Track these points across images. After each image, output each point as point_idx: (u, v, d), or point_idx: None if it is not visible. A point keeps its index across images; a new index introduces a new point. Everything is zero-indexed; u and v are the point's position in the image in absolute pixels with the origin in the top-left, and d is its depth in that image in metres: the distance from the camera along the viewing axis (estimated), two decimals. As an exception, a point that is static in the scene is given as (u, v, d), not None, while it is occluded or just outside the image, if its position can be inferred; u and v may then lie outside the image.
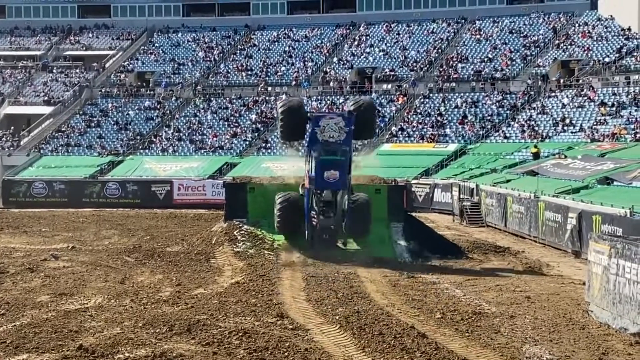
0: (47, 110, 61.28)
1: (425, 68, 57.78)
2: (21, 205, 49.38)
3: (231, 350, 13.28)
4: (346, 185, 23.89)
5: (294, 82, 59.47)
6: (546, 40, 56.97)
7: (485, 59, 56.89)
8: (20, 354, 12.94)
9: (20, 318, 15.76)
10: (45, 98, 62.65)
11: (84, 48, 68.19)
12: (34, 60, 67.40)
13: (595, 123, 46.08)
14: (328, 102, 56.85)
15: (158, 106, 60.17)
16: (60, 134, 58.94)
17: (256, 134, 55.82)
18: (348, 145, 23.99)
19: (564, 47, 55.29)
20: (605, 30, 55.25)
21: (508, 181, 37.78)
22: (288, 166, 48.11)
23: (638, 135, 42.09)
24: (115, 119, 59.68)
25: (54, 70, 66.26)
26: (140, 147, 56.49)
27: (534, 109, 50.92)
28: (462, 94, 54.55)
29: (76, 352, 12.95)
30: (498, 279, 21.60)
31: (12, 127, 60.17)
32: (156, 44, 67.14)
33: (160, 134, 57.22)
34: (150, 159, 53.96)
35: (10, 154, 57.05)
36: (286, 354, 13.10)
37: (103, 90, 62.70)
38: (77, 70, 65.96)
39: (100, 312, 16.32)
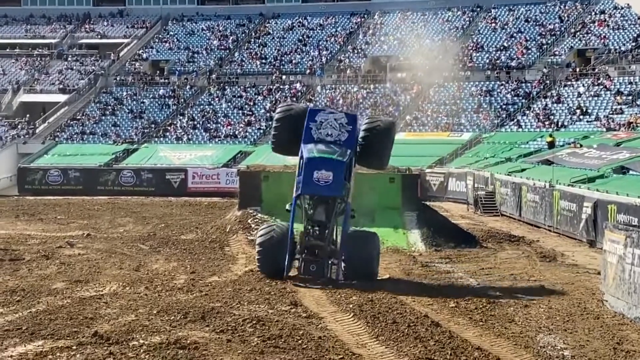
0: (62, 98, 61.50)
1: (440, 56, 57.53)
2: (37, 193, 49.67)
3: (245, 337, 13.31)
4: (341, 192, 18.29)
5: (308, 71, 59.38)
6: (562, 28, 56.61)
7: (501, 48, 56.61)
8: (35, 340, 13.02)
9: (36, 305, 15.84)
10: (61, 86, 62.85)
11: (99, 36, 68.32)
12: (49, 48, 67.59)
13: (611, 112, 45.82)
14: (342, 90, 56.78)
15: (173, 94, 60.26)
16: (75, 122, 59.16)
17: (270, 123, 55.75)
18: (349, 147, 18.67)
19: (580, 35, 54.92)
20: (621, 18, 54.82)
21: (523, 170, 37.64)
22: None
23: (654, 125, 41.83)
24: (130, 107, 59.82)
25: (69, 59, 66.43)
26: (154, 135, 56.62)
27: (549, 97, 50.66)
28: (477, 83, 54.33)
29: (91, 338, 13.01)
30: (512, 268, 21.54)
31: (28, 115, 60.42)
32: (171, 32, 67.18)
33: (175, 123, 57.32)
34: (165, 147, 54.09)
35: (26, 141, 57.31)
36: (300, 341, 13.12)
37: (118, 79, 62.84)
38: (92, 59, 66.10)
39: (115, 299, 16.39)
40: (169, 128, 56.98)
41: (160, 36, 67.03)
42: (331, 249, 18.47)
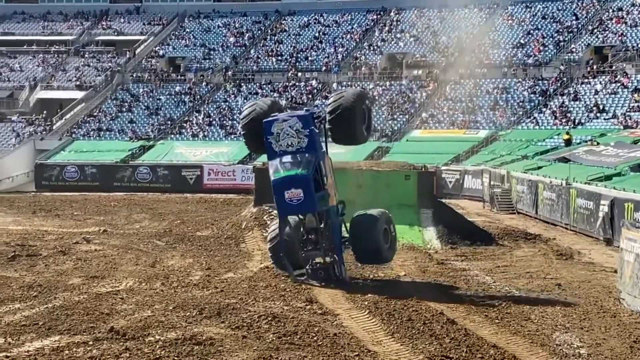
0: (79, 95, 61.75)
1: (457, 54, 57.36)
2: (53, 189, 49.94)
3: (260, 334, 13.33)
4: (315, 206, 17.60)
5: (324, 68, 59.36)
6: (579, 25, 56.30)
7: (518, 45, 56.36)
8: (52, 335, 13.09)
9: (53, 300, 15.93)
10: (77, 83, 63.12)
11: (116, 33, 68.55)
12: (66, 45, 67.88)
13: (628, 110, 45.53)
14: (358, 87, 56.68)
15: (189, 91, 60.40)
16: (92, 118, 59.40)
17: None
18: (313, 153, 17.76)
19: (598, 32, 54.60)
20: (639, 15, 54.45)
21: (539, 168, 37.48)
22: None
23: (672, 122, 41.56)
24: (146, 104, 60.01)
25: (86, 55, 66.70)
26: (170, 132, 56.77)
27: (566, 95, 50.40)
28: (493, 80, 54.12)
29: (107, 334, 13.07)
30: (528, 266, 21.46)
31: (45, 112, 60.72)
32: (187, 29, 67.32)
33: (191, 119, 57.46)
34: (181, 144, 54.23)
35: (43, 138, 57.59)
36: (315, 338, 13.13)
37: (134, 75, 63.05)
38: (109, 55, 66.35)
39: (131, 295, 16.45)
40: (185, 125, 57.12)
41: (176, 33, 67.20)
42: (330, 249, 18.21)
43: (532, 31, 57.33)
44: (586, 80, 50.74)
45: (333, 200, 18.19)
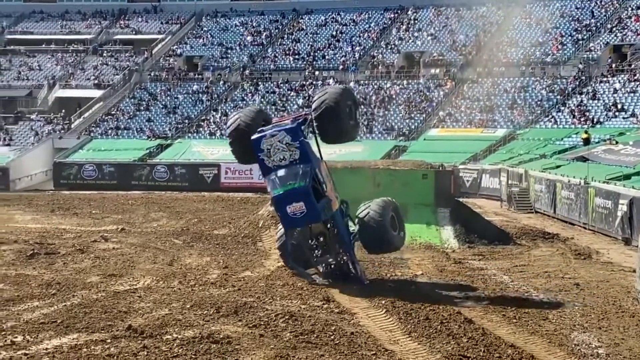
0: (97, 93, 62.04)
1: (474, 52, 57.18)
2: (72, 188, 50.21)
3: (277, 332, 13.35)
4: (319, 215, 17.30)
5: (341, 67, 59.34)
6: (598, 24, 55.96)
7: (536, 43, 56.10)
8: (70, 333, 13.16)
9: (71, 298, 16.01)
10: (96, 82, 63.42)
11: (134, 32, 68.81)
12: (84, 44, 68.22)
13: (647, 108, 45.23)
14: (375, 86, 56.68)
15: (206, 90, 60.54)
16: (110, 117, 59.66)
17: (303, 118, 55.80)
18: (307, 163, 17.30)
19: (617, 31, 54.26)
20: (659, 13, 54.11)
21: (557, 167, 37.31)
22: (334, 150, 48.14)
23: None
24: (163, 102, 60.20)
25: (104, 54, 66.99)
26: (188, 130, 56.93)
27: (584, 94, 50.12)
28: (511, 79, 53.90)
29: (125, 332, 13.13)
30: (546, 265, 21.36)
31: (63, 111, 61.04)
32: (204, 28, 67.47)
33: (208, 118, 57.59)
34: (198, 143, 54.37)
35: (62, 136, 57.90)
36: (332, 337, 13.12)
37: (152, 74, 63.27)
38: (127, 54, 66.61)
39: (148, 294, 16.51)
40: (202, 123, 57.26)
41: (194, 32, 67.37)
42: (341, 251, 18.04)
43: (550, 30, 57.04)
44: (605, 79, 50.43)
45: (335, 204, 17.97)
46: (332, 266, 18.07)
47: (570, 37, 55.70)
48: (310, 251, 17.91)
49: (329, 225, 17.85)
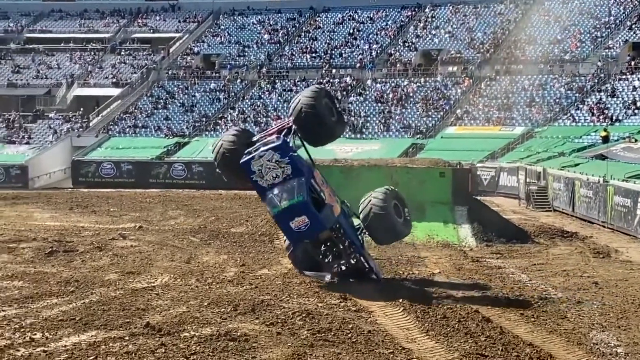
0: (115, 92, 62.32)
1: (492, 50, 56.96)
2: (90, 185, 50.48)
3: (295, 330, 13.35)
4: (325, 224, 17.09)
5: (358, 65, 59.29)
6: (617, 21, 55.57)
7: (554, 41, 55.81)
8: (89, 330, 13.21)
9: (89, 296, 16.08)
10: (114, 80, 63.71)
11: (151, 31, 69.05)
12: (102, 42, 68.54)
13: (667, 106, 44.90)
14: (392, 84, 56.58)
15: (223, 88, 60.66)
16: (128, 115, 59.91)
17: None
18: (300, 176, 16.84)
19: (636, 28, 53.85)
20: (679, 10, 53.69)
21: (576, 165, 37.11)
22: (352, 148, 48.10)
23: None
24: (181, 101, 60.37)
25: (122, 53, 67.27)
26: (205, 128, 57.06)
27: (603, 91, 49.82)
28: (529, 77, 53.66)
29: (143, 329, 13.17)
30: (565, 264, 21.26)
31: (82, 109, 61.36)
32: (222, 27, 67.60)
33: (226, 116, 57.69)
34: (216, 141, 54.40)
35: (80, 135, 58.20)
36: (349, 335, 13.11)
37: (170, 73, 63.46)
38: (145, 53, 66.85)
39: (166, 291, 16.56)
40: (219, 122, 57.37)
41: (211, 30, 67.51)
42: (351, 252, 17.78)
43: (569, 27, 56.73)
44: (624, 77, 50.10)
45: (337, 208, 17.69)
46: (347, 267, 17.88)
47: (589, 35, 55.36)
48: (322, 258, 17.74)
49: (335, 230, 17.59)
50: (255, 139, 17.91)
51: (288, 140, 17.23)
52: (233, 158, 17.51)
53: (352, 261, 17.77)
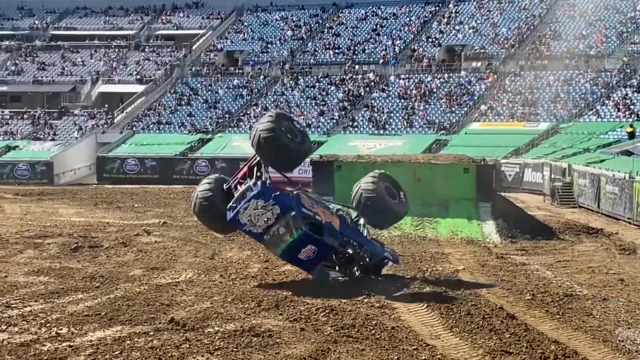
0: (139, 88, 62.65)
1: (517, 45, 56.62)
2: (114, 182, 50.79)
3: (318, 326, 13.35)
4: (333, 243, 16.82)
5: (381, 60, 59.15)
6: (643, 15, 55.07)
7: (579, 36, 55.37)
8: (114, 325, 13.29)
9: (114, 291, 16.18)
10: (138, 77, 64.03)
11: (175, 27, 69.33)
12: (127, 39, 68.90)
13: (694, 101, 44.44)
14: (416, 80, 56.42)
15: (246, 85, 60.76)
16: (151, 112, 60.19)
17: (343, 113, 55.81)
18: (290, 210, 16.33)
19: (663, 22, 53.37)
20: None
21: (602, 161, 36.82)
22: (374, 144, 48.06)
23: None
24: (204, 97, 60.58)
25: (146, 50, 67.60)
26: (228, 125, 57.22)
27: (629, 87, 49.37)
28: (554, 72, 53.28)
29: (168, 325, 13.22)
30: (590, 261, 21.09)
31: (106, 105, 61.75)
32: (245, 23, 67.72)
33: (249, 112, 57.80)
34: (239, 137, 54.56)
35: (104, 131, 58.57)
36: (373, 331, 13.09)
37: (193, 69, 63.67)
38: (168, 50, 67.12)
39: (190, 287, 16.62)
40: (242, 118, 57.50)
41: (234, 27, 67.65)
42: (362, 253, 17.62)
43: (594, 22, 56.27)
44: (650, 72, 49.65)
45: (335, 221, 17.28)
46: (363, 270, 17.70)
47: (614, 30, 54.89)
48: (339, 269, 17.55)
49: (341, 241, 17.32)
50: (227, 186, 17.42)
51: (264, 179, 16.71)
52: (212, 207, 17.13)
53: (366, 259, 17.68)
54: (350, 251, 17.44)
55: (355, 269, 17.59)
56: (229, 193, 17.27)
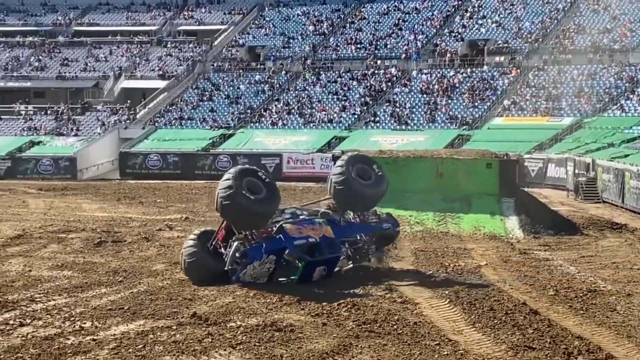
0: (161, 84, 62.89)
1: (540, 39, 56.24)
2: (137, 177, 51.04)
3: (340, 321, 13.33)
4: (336, 257, 16.81)
5: (403, 55, 58.99)
6: (669, 9, 54.56)
7: (604, 30, 54.92)
8: (137, 319, 13.35)
9: (137, 285, 16.25)
10: (160, 72, 64.27)
11: (197, 23, 69.52)
12: (149, 35, 69.20)
13: None
14: (438, 74, 56.21)
15: (268, 80, 60.81)
16: (174, 107, 60.40)
17: (365, 108, 55.71)
18: (283, 248, 16.04)
19: (688, 16, 52.83)
20: None
21: (626, 156, 36.53)
22: (397, 139, 47.95)
23: None
24: (226, 92, 60.69)
25: (168, 45, 67.83)
26: (250, 120, 57.30)
27: (654, 81, 48.96)
28: (578, 66, 52.90)
29: (190, 319, 13.26)
30: (614, 256, 20.93)
31: (129, 101, 62.04)
32: (267, 18, 67.76)
33: (270, 108, 57.85)
34: (260, 133, 54.69)
35: (127, 127, 58.87)
36: (395, 327, 13.05)
37: (215, 65, 63.81)
38: (190, 45, 67.31)
39: (212, 281, 16.64)
40: (264, 113, 57.56)
41: (256, 22, 67.71)
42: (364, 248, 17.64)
43: (618, 16, 55.78)
44: (676, 66, 49.17)
45: (328, 231, 16.77)
46: (371, 250, 17.79)
47: (639, 24, 54.38)
48: (354, 262, 17.65)
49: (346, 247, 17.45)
50: (211, 247, 16.78)
51: (248, 240, 16.08)
52: (200, 265, 16.52)
53: (372, 243, 17.67)
54: (353, 247, 17.46)
55: (367, 253, 17.59)
56: (215, 252, 16.70)
